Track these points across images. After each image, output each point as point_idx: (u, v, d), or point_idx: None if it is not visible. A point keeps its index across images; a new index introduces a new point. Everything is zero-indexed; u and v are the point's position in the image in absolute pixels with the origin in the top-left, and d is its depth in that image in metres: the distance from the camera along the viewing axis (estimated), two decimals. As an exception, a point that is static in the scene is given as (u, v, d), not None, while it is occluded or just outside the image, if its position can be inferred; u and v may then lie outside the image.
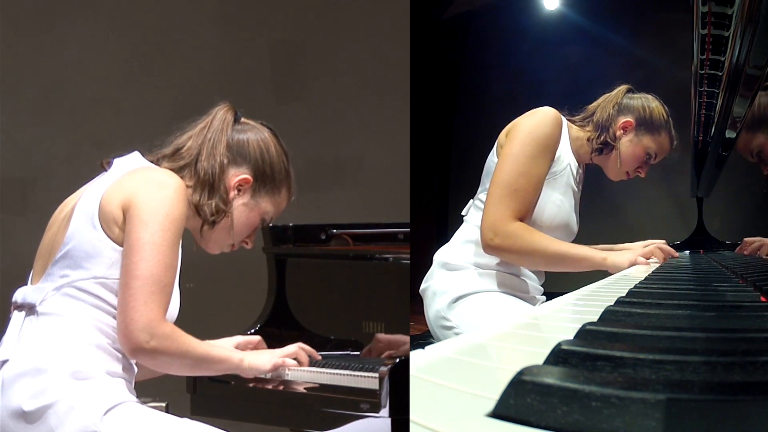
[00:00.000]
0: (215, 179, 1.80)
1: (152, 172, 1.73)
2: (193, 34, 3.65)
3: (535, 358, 0.65)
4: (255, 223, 1.89)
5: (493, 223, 2.16)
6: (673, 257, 2.37)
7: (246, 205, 1.86)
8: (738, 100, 2.06)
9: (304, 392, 2.17)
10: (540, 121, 2.22)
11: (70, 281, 1.65)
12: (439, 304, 2.28)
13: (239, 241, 1.90)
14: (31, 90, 3.53)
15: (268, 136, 1.90)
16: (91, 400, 1.58)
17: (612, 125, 2.35)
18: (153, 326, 1.62)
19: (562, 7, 6.50)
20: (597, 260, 2.24)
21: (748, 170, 5.01)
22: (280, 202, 1.91)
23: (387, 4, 3.77)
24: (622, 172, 2.41)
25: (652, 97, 2.42)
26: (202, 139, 1.83)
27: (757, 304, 0.99)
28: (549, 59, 6.31)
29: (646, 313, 0.91)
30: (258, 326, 2.57)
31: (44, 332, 1.64)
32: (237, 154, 1.84)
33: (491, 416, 0.50)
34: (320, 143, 3.78)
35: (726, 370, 0.57)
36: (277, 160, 1.88)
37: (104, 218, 1.66)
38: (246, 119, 1.91)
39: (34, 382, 1.59)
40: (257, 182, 1.86)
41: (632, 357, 0.59)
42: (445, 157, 7.30)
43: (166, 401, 2.17)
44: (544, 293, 2.45)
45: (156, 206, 1.64)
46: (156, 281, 1.62)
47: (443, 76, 7.28)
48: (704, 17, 1.68)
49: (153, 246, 1.63)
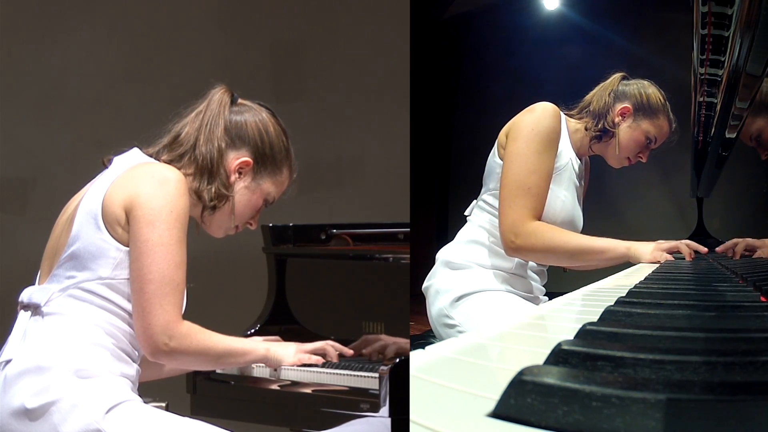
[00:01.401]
0: (214, 164, 1.79)
1: (151, 168, 1.72)
2: (193, 34, 3.64)
3: (535, 358, 0.65)
4: (258, 205, 1.88)
5: (513, 225, 2.15)
6: (701, 252, 2.33)
7: (248, 188, 1.85)
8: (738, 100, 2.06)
9: (304, 392, 2.17)
10: (541, 116, 2.22)
11: (75, 282, 1.65)
12: (441, 302, 2.28)
13: (243, 223, 1.89)
14: (31, 90, 3.53)
15: (266, 116, 1.88)
16: (93, 398, 1.59)
17: (610, 112, 2.35)
18: (171, 327, 1.63)
19: (562, 7, 6.50)
20: (621, 250, 2.22)
21: (748, 170, 5.02)
22: (282, 181, 1.90)
23: (387, 4, 3.77)
24: (623, 159, 2.40)
25: (648, 82, 2.42)
26: (199, 123, 1.82)
27: (757, 304, 0.99)
28: (549, 59, 6.30)
29: (646, 313, 0.91)
30: (258, 326, 2.57)
31: (48, 331, 1.64)
32: (236, 136, 1.83)
33: (491, 416, 0.50)
34: (320, 143, 3.78)
35: (726, 370, 0.57)
36: (276, 140, 1.87)
37: (107, 219, 1.66)
38: (243, 100, 1.89)
39: (36, 380, 1.59)
40: (258, 164, 1.84)
41: (632, 357, 0.59)
42: (445, 157, 7.30)
43: (166, 401, 2.17)
44: (546, 293, 2.45)
45: (159, 204, 1.64)
46: (169, 282, 1.63)
47: (443, 76, 7.28)
48: (704, 17, 1.68)
49: (162, 246, 1.63)
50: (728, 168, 3.65)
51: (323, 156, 3.80)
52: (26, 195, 3.56)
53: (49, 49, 3.54)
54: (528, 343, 0.91)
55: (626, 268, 2.23)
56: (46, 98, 3.53)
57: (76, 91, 3.54)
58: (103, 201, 1.67)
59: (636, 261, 2.23)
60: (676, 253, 2.29)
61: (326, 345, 1.95)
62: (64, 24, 3.55)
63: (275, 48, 3.85)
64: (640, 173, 6.31)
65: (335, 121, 3.82)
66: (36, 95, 3.53)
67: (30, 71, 3.53)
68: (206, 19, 3.73)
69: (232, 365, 1.86)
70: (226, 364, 1.80)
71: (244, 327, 2.56)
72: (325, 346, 1.95)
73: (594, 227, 2.33)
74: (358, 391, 2.10)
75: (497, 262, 2.29)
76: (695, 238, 3.81)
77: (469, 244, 2.33)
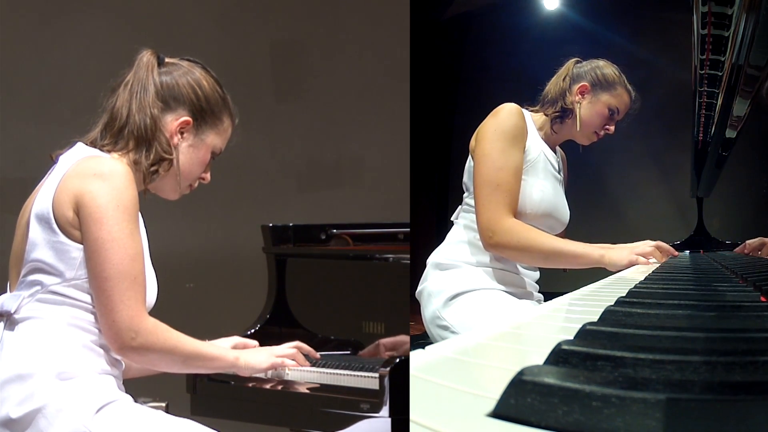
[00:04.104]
0: (149, 131, 1.75)
1: (92, 164, 1.68)
2: (193, 34, 3.64)
3: (535, 358, 0.65)
4: (206, 160, 1.86)
5: (488, 222, 2.20)
6: (673, 256, 2.38)
7: (193, 146, 1.82)
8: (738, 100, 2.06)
9: (304, 392, 2.17)
10: (502, 116, 2.30)
11: (43, 287, 1.64)
12: (435, 304, 2.30)
13: (195, 179, 1.87)
14: (31, 90, 3.53)
15: (197, 71, 1.85)
16: (80, 401, 1.57)
17: (568, 94, 2.43)
18: (136, 322, 1.62)
19: (562, 7, 6.49)
20: (594, 257, 2.26)
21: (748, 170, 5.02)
22: (225, 130, 1.88)
23: (387, 4, 3.77)
24: (590, 134, 2.46)
25: (603, 61, 2.52)
26: (129, 94, 1.78)
27: (757, 304, 0.99)
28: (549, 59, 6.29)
29: (646, 313, 0.91)
30: (258, 326, 2.57)
31: (24, 338, 1.62)
32: (170, 98, 1.80)
33: (491, 416, 0.50)
34: (320, 143, 3.78)
35: (726, 370, 0.57)
36: (211, 93, 1.84)
37: (60, 222, 1.64)
38: (170, 58, 1.86)
39: (19, 389, 1.57)
40: (197, 120, 1.82)
41: (632, 357, 0.59)
42: (445, 157, 7.30)
43: (166, 401, 2.17)
44: (543, 293, 2.46)
45: (105, 201, 1.62)
46: (126, 277, 1.62)
47: (443, 76, 7.28)
48: (704, 17, 1.68)
49: (113, 242, 1.61)
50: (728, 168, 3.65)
51: (323, 156, 3.80)
52: (26, 195, 3.55)
53: (49, 49, 3.54)
54: (528, 343, 0.91)
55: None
56: (46, 98, 3.53)
57: (76, 90, 3.54)
58: (52, 204, 1.65)
59: (612, 269, 2.25)
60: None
61: (295, 351, 1.92)
62: (64, 24, 3.55)
63: (275, 48, 3.85)
64: (640, 173, 6.32)
65: (335, 121, 3.82)
66: (36, 95, 3.53)
67: (30, 71, 3.53)
68: (206, 19, 3.73)
69: (200, 369, 1.84)
70: (194, 367, 1.78)
71: (244, 327, 2.56)
72: (294, 352, 1.92)
73: (594, 227, 2.34)
74: (358, 391, 2.10)
75: (485, 259, 2.32)
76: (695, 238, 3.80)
77: (457, 245, 2.37)
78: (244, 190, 3.60)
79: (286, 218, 2.72)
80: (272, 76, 3.84)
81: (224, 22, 3.76)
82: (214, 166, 1.89)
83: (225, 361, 1.79)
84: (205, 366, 1.78)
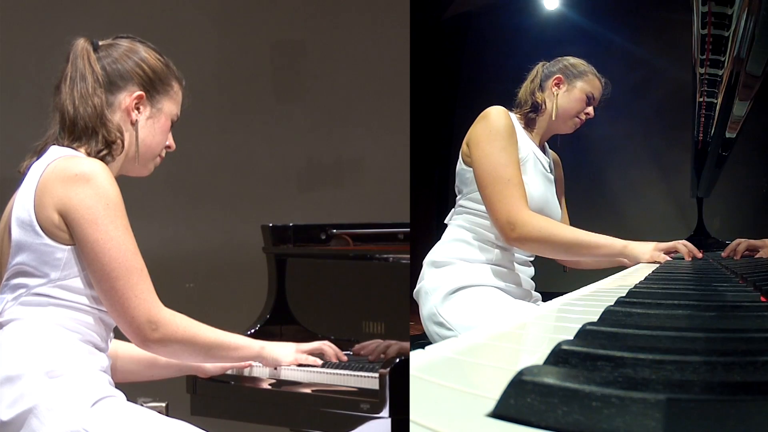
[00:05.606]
0: (97, 120, 1.75)
1: (70, 164, 1.67)
2: (193, 34, 3.64)
3: (535, 358, 0.65)
4: (167, 128, 1.87)
5: (508, 216, 2.21)
6: (697, 257, 2.35)
7: (151, 117, 1.83)
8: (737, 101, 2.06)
9: (304, 392, 2.17)
10: (493, 117, 2.35)
11: (27, 290, 1.64)
12: (432, 301, 2.31)
13: (162, 149, 1.87)
14: (31, 90, 3.53)
15: (134, 45, 1.85)
16: (71, 399, 1.57)
17: (538, 92, 2.51)
18: (153, 314, 1.64)
19: (562, 7, 6.49)
20: (617, 247, 2.26)
21: (748, 170, 5.02)
22: (177, 93, 1.89)
23: (387, 4, 3.77)
24: (571, 120, 2.51)
25: (570, 57, 2.63)
26: (70, 88, 1.79)
27: (757, 304, 0.99)
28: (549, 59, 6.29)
29: (646, 313, 0.91)
30: (258, 326, 2.57)
31: (11, 340, 1.62)
32: (117, 78, 1.80)
33: (491, 416, 0.50)
34: (320, 143, 3.78)
35: (726, 370, 0.57)
36: (155, 62, 1.85)
37: (44, 224, 1.63)
38: (103, 41, 1.86)
39: (9, 391, 1.57)
40: (149, 92, 1.83)
41: (632, 357, 0.59)
42: (445, 158, 7.30)
43: (166, 401, 2.17)
44: (542, 293, 2.46)
45: (93, 202, 1.62)
46: (133, 271, 1.63)
47: (443, 76, 7.27)
48: (704, 17, 1.68)
49: (112, 241, 1.62)
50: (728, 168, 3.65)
51: (323, 156, 3.80)
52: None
53: (49, 49, 3.54)
54: (528, 343, 0.91)
55: (624, 269, 2.23)
56: (46, 98, 3.53)
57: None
58: (34, 208, 1.65)
59: (633, 260, 2.25)
60: (674, 253, 2.30)
61: (324, 345, 1.95)
62: (64, 24, 3.55)
63: (275, 48, 3.85)
64: (640, 173, 6.31)
65: (335, 121, 3.82)
66: (36, 95, 3.53)
67: (30, 71, 3.53)
68: (206, 19, 3.73)
69: (224, 360, 1.85)
70: (218, 357, 1.79)
71: (244, 327, 2.56)
72: (322, 347, 1.95)
73: (594, 227, 2.34)
74: (358, 391, 2.10)
75: (480, 255, 2.34)
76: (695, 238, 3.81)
77: (452, 242, 2.39)
78: (244, 190, 3.60)
79: (286, 218, 2.72)
80: (272, 77, 3.84)
81: (224, 23, 3.76)
82: (214, 166, 1.89)
83: (250, 351, 1.80)
84: (229, 356, 1.79)
